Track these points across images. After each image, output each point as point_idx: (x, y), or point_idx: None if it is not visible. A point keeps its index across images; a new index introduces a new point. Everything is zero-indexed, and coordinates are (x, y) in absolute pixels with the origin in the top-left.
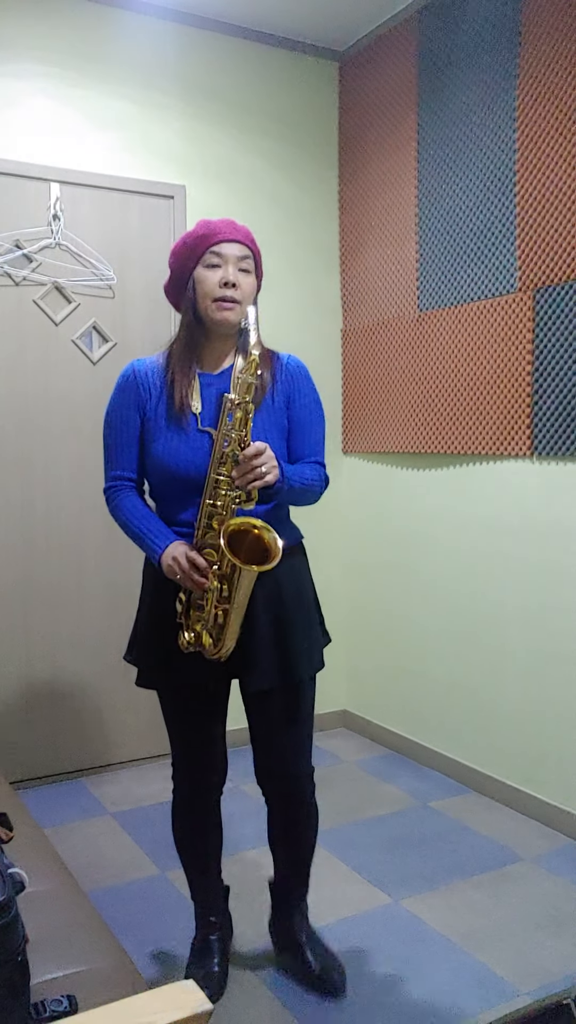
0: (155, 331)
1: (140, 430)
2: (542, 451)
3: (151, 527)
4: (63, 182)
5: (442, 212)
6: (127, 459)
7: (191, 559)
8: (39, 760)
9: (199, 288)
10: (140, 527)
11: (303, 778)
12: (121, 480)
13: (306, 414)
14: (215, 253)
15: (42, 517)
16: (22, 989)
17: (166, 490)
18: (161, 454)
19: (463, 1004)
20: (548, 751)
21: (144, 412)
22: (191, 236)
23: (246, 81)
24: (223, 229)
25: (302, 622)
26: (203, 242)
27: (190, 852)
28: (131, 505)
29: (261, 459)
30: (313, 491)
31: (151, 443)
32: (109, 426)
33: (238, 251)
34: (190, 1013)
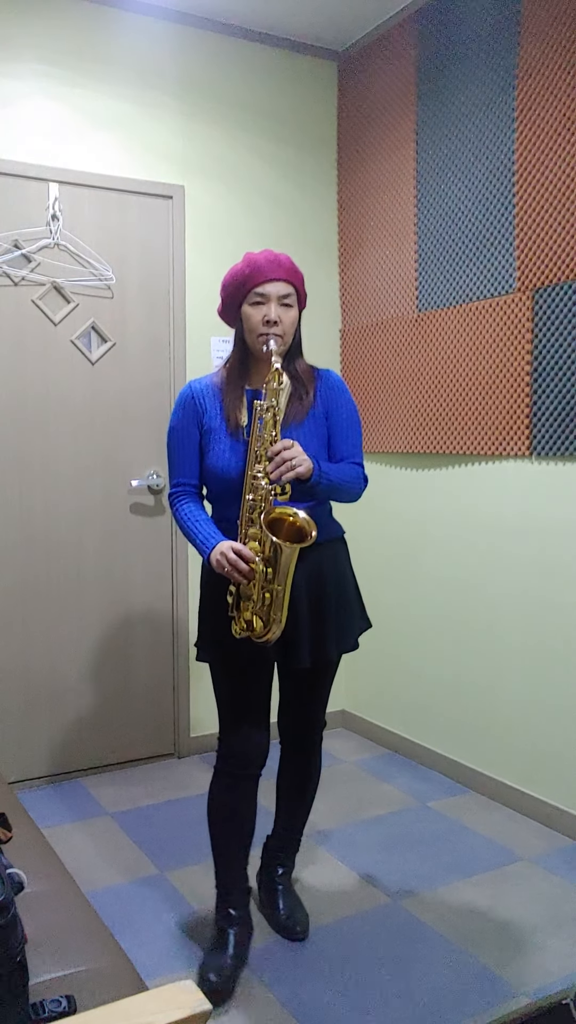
0: (154, 331)
1: (199, 442)
2: (541, 451)
3: (203, 529)
4: (62, 182)
5: (441, 212)
6: (188, 468)
7: (236, 550)
8: (38, 760)
9: (246, 323)
10: (193, 529)
11: (319, 727)
12: (182, 486)
13: (343, 422)
14: (259, 293)
15: (41, 516)
16: (21, 989)
17: (218, 492)
18: (213, 461)
19: (462, 1004)
20: (548, 751)
21: (201, 426)
22: (238, 274)
23: (245, 81)
24: (265, 269)
25: (340, 606)
26: (248, 282)
27: (224, 831)
28: (188, 510)
29: (290, 452)
30: (352, 489)
31: (207, 453)
32: (172, 439)
33: (280, 290)
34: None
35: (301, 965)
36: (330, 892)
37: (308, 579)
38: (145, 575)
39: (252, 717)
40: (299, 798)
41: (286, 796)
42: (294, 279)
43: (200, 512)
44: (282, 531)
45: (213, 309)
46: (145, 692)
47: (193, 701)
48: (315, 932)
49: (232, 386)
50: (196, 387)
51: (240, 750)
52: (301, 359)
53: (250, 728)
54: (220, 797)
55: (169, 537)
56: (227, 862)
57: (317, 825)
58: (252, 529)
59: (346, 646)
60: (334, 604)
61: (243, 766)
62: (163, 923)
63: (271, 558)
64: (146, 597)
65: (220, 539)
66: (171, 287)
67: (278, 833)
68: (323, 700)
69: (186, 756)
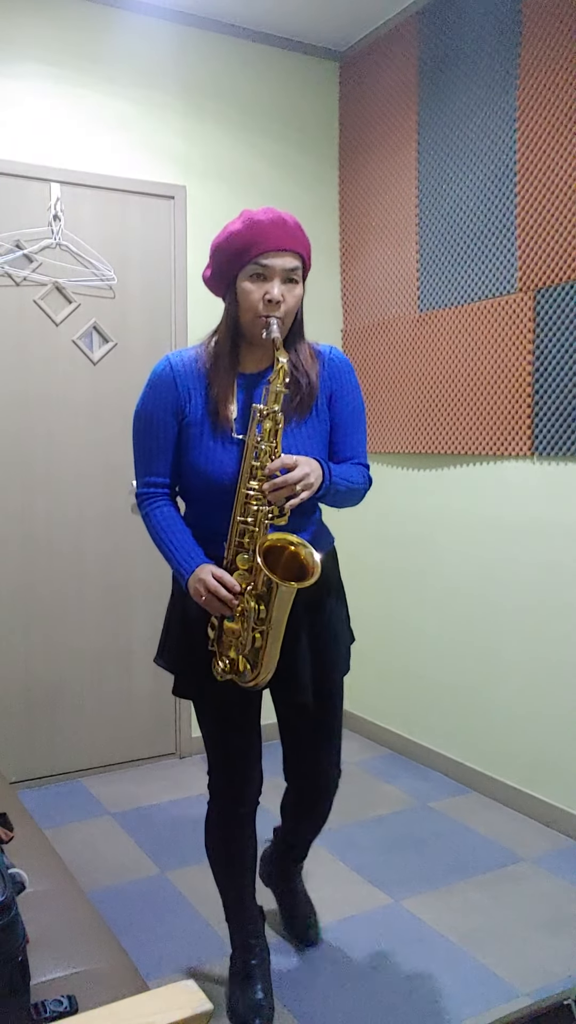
0: (155, 331)
1: (177, 434)
2: (543, 451)
3: (182, 545)
4: (64, 182)
5: (442, 212)
6: (161, 464)
7: (219, 578)
8: (39, 760)
9: (242, 300)
10: (170, 544)
11: (334, 777)
12: (154, 487)
13: (348, 413)
14: (261, 265)
15: (42, 516)
16: (22, 989)
17: (200, 497)
18: (200, 462)
19: (463, 1004)
20: (548, 751)
21: (182, 415)
22: (235, 239)
23: (247, 81)
24: (272, 236)
25: (337, 632)
26: (248, 251)
27: (226, 868)
28: (164, 518)
29: (295, 475)
30: (357, 494)
31: (188, 450)
32: (143, 427)
33: (286, 263)
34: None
35: (301, 964)
36: (331, 892)
37: (305, 603)
38: (146, 575)
39: (243, 754)
40: (312, 828)
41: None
42: (302, 249)
43: (178, 521)
44: (280, 562)
45: (214, 310)
46: (146, 692)
47: None
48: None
49: (221, 371)
50: (177, 364)
51: (233, 790)
52: (303, 342)
53: (243, 765)
54: (217, 838)
55: None
56: (237, 893)
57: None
58: (241, 556)
59: (345, 667)
60: (332, 627)
61: (238, 805)
62: (164, 923)
63: (264, 594)
64: (147, 597)
65: (201, 561)
66: (173, 287)
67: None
68: (334, 742)
69: (187, 756)
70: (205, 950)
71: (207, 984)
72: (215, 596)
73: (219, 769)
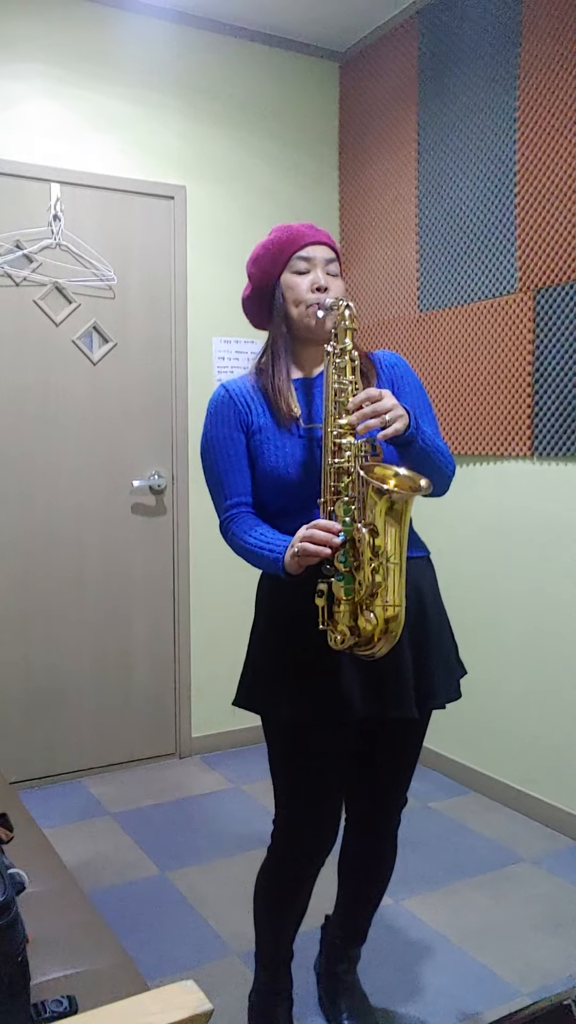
0: (155, 331)
1: (247, 447)
2: (542, 451)
3: (269, 539)
4: (63, 182)
5: (442, 212)
6: (240, 483)
7: (314, 524)
8: (39, 760)
9: (289, 295)
10: (258, 543)
11: (401, 807)
12: (236, 507)
13: (415, 398)
14: (303, 258)
15: (43, 516)
16: (22, 989)
17: (283, 502)
18: (271, 462)
19: (463, 1004)
20: (549, 752)
21: (247, 426)
22: (273, 242)
23: (247, 82)
24: (306, 233)
25: (443, 640)
26: (288, 247)
27: (274, 920)
28: (247, 525)
29: (382, 404)
30: (447, 464)
31: (260, 456)
32: (213, 454)
33: (325, 253)
34: (190, 1013)
35: (301, 964)
36: (331, 892)
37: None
38: (146, 575)
39: (326, 798)
40: (370, 885)
41: (352, 881)
42: (335, 246)
43: (257, 522)
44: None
45: (214, 309)
46: (146, 692)
47: (194, 701)
48: (316, 931)
49: (278, 374)
50: (231, 386)
51: (307, 841)
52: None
53: (322, 813)
54: (273, 890)
55: (171, 537)
56: (275, 945)
57: None
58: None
59: (453, 692)
60: (437, 636)
61: (309, 858)
62: (164, 923)
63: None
64: (148, 597)
65: (288, 539)
66: (172, 287)
67: (341, 921)
68: (411, 769)
69: (187, 756)
70: (205, 950)
71: (207, 984)
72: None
73: (292, 819)
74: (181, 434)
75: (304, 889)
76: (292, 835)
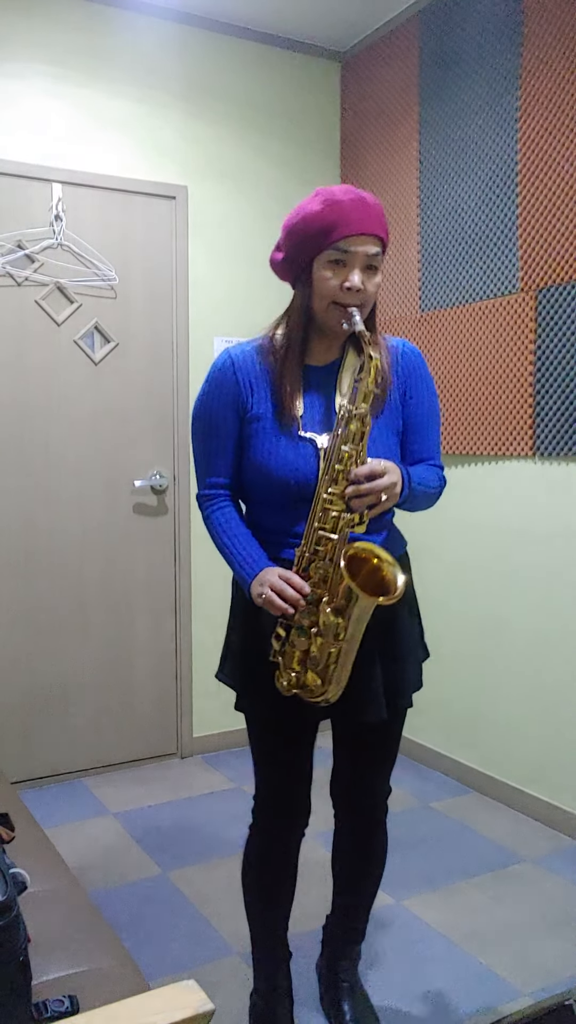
0: (157, 331)
1: (239, 431)
2: (544, 451)
3: (244, 548)
4: (65, 183)
5: (444, 212)
6: (223, 464)
7: (286, 578)
8: (40, 760)
9: (317, 287)
10: (233, 548)
11: (385, 796)
12: (217, 488)
13: (424, 411)
14: (342, 250)
15: (44, 516)
16: (24, 989)
17: (262, 495)
18: (261, 458)
19: (464, 1004)
20: (550, 752)
21: (244, 411)
22: (313, 220)
23: (248, 81)
24: (353, 219)
25: (411, 647)
26: (329, 233)
27: (263, 902)
28: (225, 520)
29: (382, 482)
30: (433, 497)
31: (251, 447)
32: (203, 427)
33: (369, 249)
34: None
35: (302, 964)
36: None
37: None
38: (148, 574)
39: (297, 772)
40: (362, 880)
41: (345, 877)
42: (383, 232)
43: (241, 525)
44: (360, 574)
45: (216, 309)
46: (148, 692)
47: (196, 701)
48: (316, 932)
49: (289, 363)
50: (237, 357)
51: (282, 807)
52: (375, 335)
53: (294, 783)
54: (260, 867)
55: (172, 537)
56: (268, 935)
57: (319, 825)
58: (316, 564)
59: (417, 685)
60: (406, 642)
61: (286, 831)
62: (165, 923)
63: (341, 607)
64: (149, 596)
65: (265, 565)
66: (174, 287)
67: (338, 919)
68: (391, 761)
69: (189, 756)
70: (206, 950)
71: (208, 984)
72: (279, 594)
73: (268, 793)
74: (183, 434)
75: (288, 863)
76: (268, 803)
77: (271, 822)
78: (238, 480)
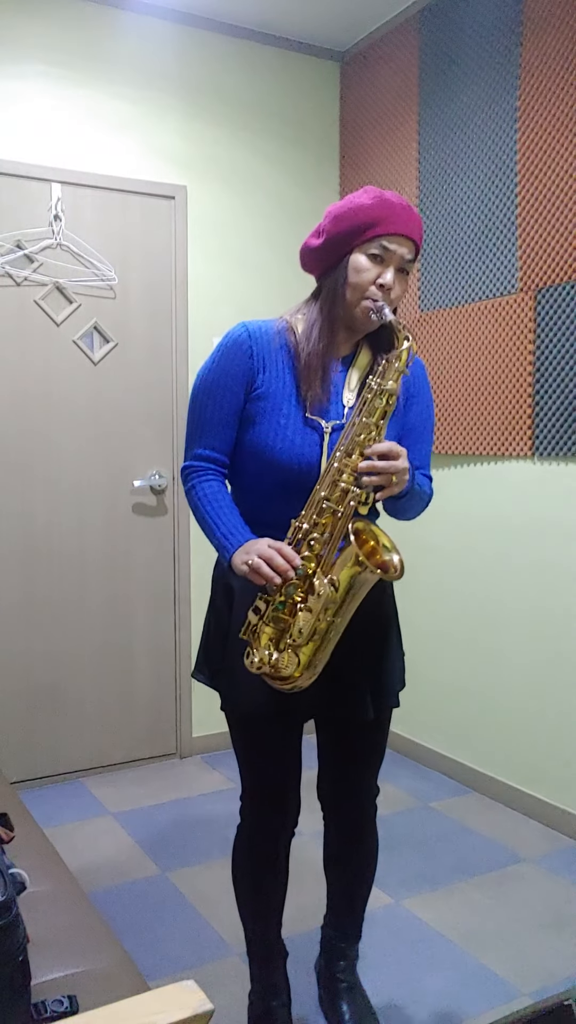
0: (156, 331)
1: (242, 407)
2: (543, 451)
3: (228, 520)
4: (64, 182)
5: (443, 212)
6: (219, 438)
7: (277, 547)
8: (40, 760)
9: (352, 276)
10: (216, 518)
11: (373, 796)
12: (207, 461)
13: (422, 420)
14: (384, 246)
15: (43, 516)
16: (23, 989)
17: (258, 483)
18: (267, 441)
19: (464, 1005)
20: (550, 752)
21: (251, 386)
22: (363, 211)
23: (248, 81)
24: (401, 219)
25: (394, 644)
26: (375, 226)
27: (254, 900)
28: (211, 491)
29: (396, 464)
30: (423, 505)
31: (254, 426)
32: (204, 396)
33: (407, 251)
34: (191, 1013)
35: (301, 964)
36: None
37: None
38: (147, 575)
39: (284, 772)
40: (355, 880)
41: (338, 877)
42: (420, 242)
43: (227, 498)
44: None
45: (215, 309)
46: (147, 692)
47: (195, 701)
48: (314, 932)
49: (317, 347)
50: (255, 331)
51: (267, 806)
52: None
53: (281, 784)
54: (249, 863)
55: (172, 537)
56: (263, 928)
57: (315, 825)
58: (313, 536)
59: (401, 684)
60: (389, 639)
61: (273, 829)
62: (165, 923)
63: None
64: (148, 597)
65: (249, 536)
66: (173, 287)
67: (333, 920)
68: (379, 761)
69: (188, 756)
70: (205, 950)
71: (207, 984)
72: (267, 562)
73: (255, 794)
74: (182, 434)
75: (276, 861)
76: (250, 806)
77: (256, 820)
78: (230, 459)
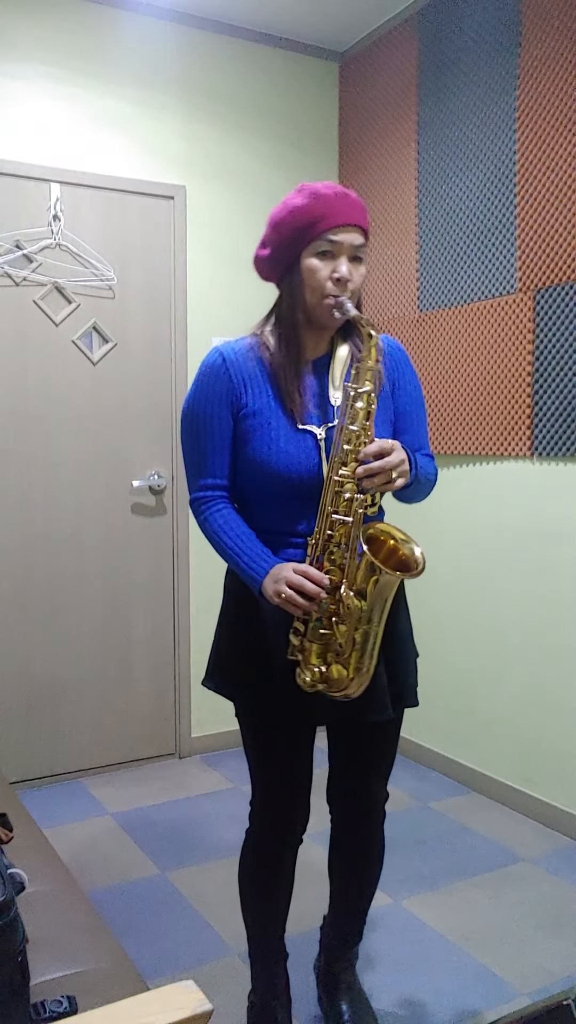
0: (155, 331)
1: (232, 429)
2: (542, 452)
3: (250, 547)
4: (63, 182)
5: (442, 212)
6: (219, 464)
7: (303, 572)
8: (39, 760)
9: (307, 279)
10: (237, 547)
11: (383, 801)
12: (213, 490)
13: (411, 402)
14: (330, 241)
15: (42, 516)
16: (22, 990)
17: (262, 495)
18: (263, 454)
19: (463, 1005)
20: (549, 752)
21: (238, 407)
22: (301, 214)
23: (246, 82)
24: (339, 210)
25: (411, 644)
26: (316, 225)
27: (259, 906)
28: (225, 520)
29: (391, 459)
30: (430, 486)
31: (249, 443)
32: (194, 426)
33: (355, 239)
34: (190, 1013)
35: (301, 964)
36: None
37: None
38: (146, 575)
39: (297, 778)
40: (359, 883)
41: (342, 879)
42: (366, 224)
43: (242, 524)
44: (379, 556)
45: (214, 309)
46: (146, 692)
47: (194, 701)
48: (314, 932)
49: (287, 357)
50: (229, 354)
51: (280, 813)
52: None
53: (294, 791)
54: (253, 870)
55: (171, 537)
56: (264, 935)
57: (316, 826)
58: (331, 551)
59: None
60: (403, 638)
61: (284, 835)
62: (164, 923)
63: (362, 590)
64: (147, 597)
65: (274, 561)
66: (172, 287)
67: (334, 921)
68: (390, 765)
69: (187, 756)
70: (205, 950)
71: (207, 984)
72: (299, 592)
73: (267, 798)
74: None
75: (285, 868)
76: (262, 809)
77: (269, 827)
78: (233, 480)
